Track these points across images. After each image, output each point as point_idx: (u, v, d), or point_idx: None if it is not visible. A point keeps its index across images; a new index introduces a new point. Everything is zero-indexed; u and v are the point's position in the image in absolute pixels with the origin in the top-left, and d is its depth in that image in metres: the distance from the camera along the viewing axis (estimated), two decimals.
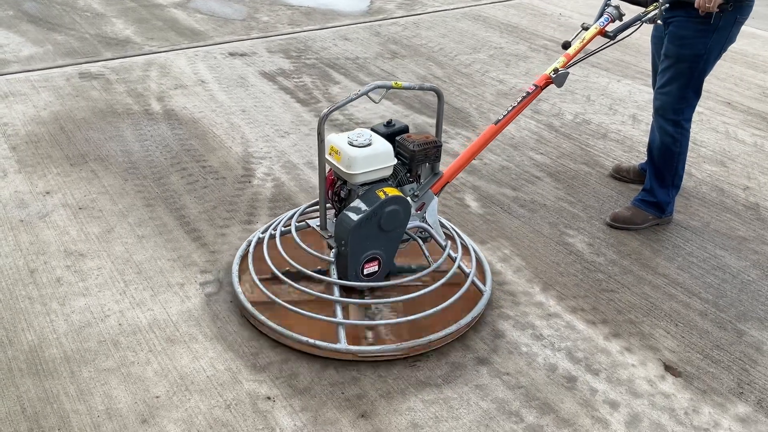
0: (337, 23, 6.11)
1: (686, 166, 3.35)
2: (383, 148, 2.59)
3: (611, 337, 2.66)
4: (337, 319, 2.50)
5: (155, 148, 3.83)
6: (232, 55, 5.25)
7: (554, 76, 2.88)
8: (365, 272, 2.61)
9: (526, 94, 2.88)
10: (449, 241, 2.83)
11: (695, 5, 2.87)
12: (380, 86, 2.51)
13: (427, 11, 6.63)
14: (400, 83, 2.54)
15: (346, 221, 2.52)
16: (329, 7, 6.57)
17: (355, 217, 2.50)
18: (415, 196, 2.73)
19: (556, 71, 2.89)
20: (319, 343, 2.44)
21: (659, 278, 3.01)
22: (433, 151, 2.69)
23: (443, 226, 3.02)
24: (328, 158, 2.60)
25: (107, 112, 4.22)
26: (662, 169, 3.27)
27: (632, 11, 3.02)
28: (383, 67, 5.17)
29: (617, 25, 3.03)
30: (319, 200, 2.68)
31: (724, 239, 3.31)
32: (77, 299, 2.69)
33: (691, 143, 3.31)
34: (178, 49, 5.30)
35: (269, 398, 2.30)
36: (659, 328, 2.72)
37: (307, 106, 4.45)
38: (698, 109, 3.22)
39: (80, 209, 3.24)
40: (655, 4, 2.96)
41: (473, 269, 2.77)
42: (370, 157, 2.53)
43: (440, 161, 2.77)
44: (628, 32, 3.01)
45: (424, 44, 5.73)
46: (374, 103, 2.61)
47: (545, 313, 2.76)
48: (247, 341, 2.52)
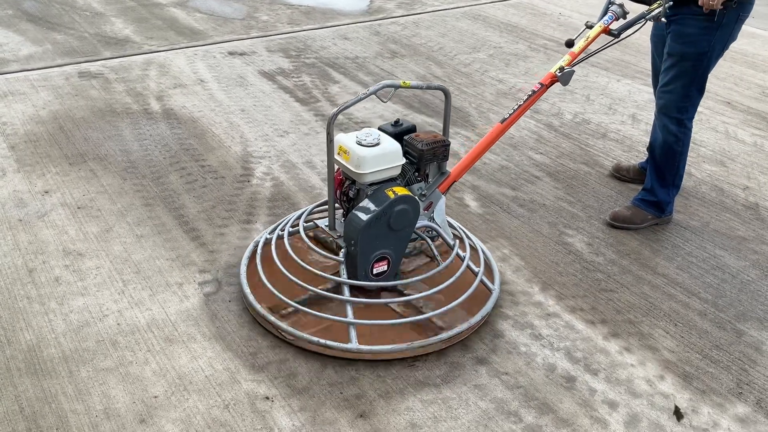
0: (336, 22, 6.11)
1: (686, 165, 3.35)
2: (392, 147, 2.58)
3: (610, 336, 2.66)
4: (348, 319, 2.48)
5: (154, 147, 3.83)
6: (231, 54, 5.25)
7: (560, 74, 2.88)
8: (374, 272, 2.60)
9: (531, 92, 2.88)
10: (457, 240, 2.82)
11: (699, 3, 2.86)
12: (389, 86, 2.49)
13: (426, 10, 6.63)
14: (408, 83, 2.52)
15: (355, 221, 2.51)
16: (329, 6, 6.56)
17: (364, 216, 2.49)
18: (422, 195, 2.71)
19: (561, 69, 2.88)
20: (330, 343, 2.43)
21: (658, 278, 3.00)
22: (441, 150, 2.68)
23: (451, 226, 3.00)
24: (336, 158, 2.59)
25: (106, 111, 4.21)
26: (663, 168, 3.27)
27: (635, 10, 3.01)
28: (383, 66, 5.16)
29: (621, 23, 3.03)
30: (328, 200, 2.67)
31: (723, 239, 3.30)
32: (76, 299, 2.69)
33: (690, 143, 3.31)
34: (177, 48, 5.30)
35: (268, 398, 2.29)
36: (658, 328, 2.72)
37: (306, 105, 4.45)
38: (698, 108, 3.21)
39: (79, 209, 3.24)
40: (659, 2, 2.96)
41: (482, 268, 2.76)
42: (379, 156, 2.53)
43: (448, 160, 2.76)
44: (632, 30, 3.00)
45: (423, 44, 5.72)
46: (383, 103, 2.59)
47: (544, 312, 2.76)
48: (245, 341, 2.52)
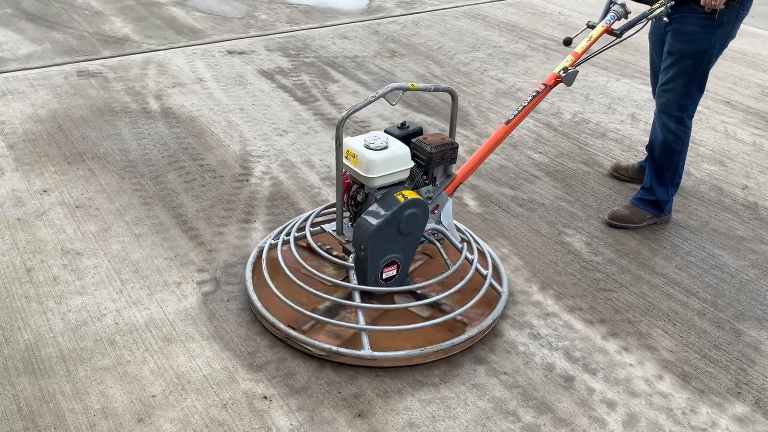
0: (335, 21, 6.11)
1: (685, 165, 3.35)
2: (400, 150, 2.55)
3: (609, 336, 2.66)
4: (359, 325, 2.45)
5: (153, 146, 3.83)
6: (230, 53, 5.24)
7: (564, 75, 2.87)
8: (384, 276, 2.58)
9: (535, 93, 2.86)
10: (465, 243, 2.78)
11: (701, 2, 2.86)
12: (397, 88, 2.46)
13: (426, 10, 6.62)
14: (416, 85, 2.49)
15: (365, 226, 2.47)
16: (328, 5, 6.56)
17: (374, 221, 2.46)
18: (428, 198, 2.69)
19: (566, 70, 2.87)
20: (342, 350, 2.40)
21: (657, 277, 3.00)
22: (449, 152, 2.65)
23: (458, 229, 2.97)
24: (344, 162, 2.56)
25: (105, 110, 4.21)
26: (663, 167, 3.27)
27: (636, 9, 3.01)
28: (382, 65, 5.16)
29: (623, 22, 3.02)
30: (336, 205, 2.63)
31: (722, 238, 3.30)
32: (74, 298, 2.68)
33: (690, 142, 3.31)
34: (176, 47, 5.29)
35: (266, 397, 2.29)
36: (657, 327, 2.72)
37: (305, 104, 4.44)
38: (698, 107, 3.21)
39: (77, 208, 3.24)
40: (660, 1, 2.95)
41: (490, 271, 2.73)
42: (388, 160, 2.49)
43: (456, 163, 2.73)
44: (634, 30, 3.00)
45: (423, 43, 5.72)
46: (391, 105, 2.58)
47: (543, 312, 2.76)
48: (243, 340, 2.52)
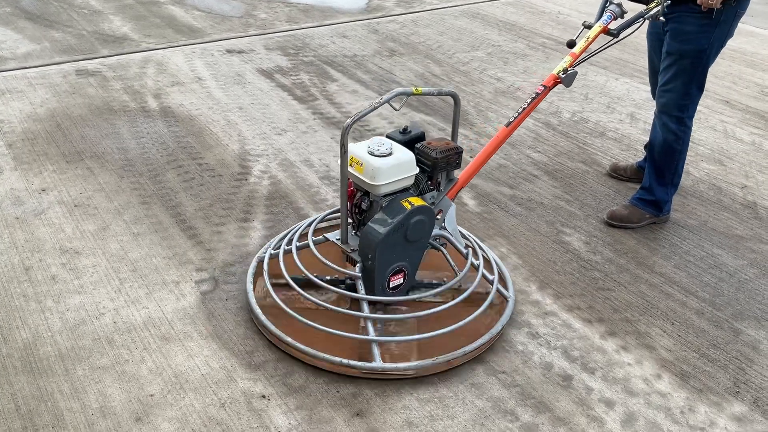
0: (335, 20, 6.10)
1: (684, 164, 3.35)
2: (405, 157, 2.50)
3: (607, 335, 2.66)
4: (369, 336, 2.40)
5: (151, 145, 3.82)
6: (229, 52, 5.24)
7: (563, 76, 2.86)
8: (391, 285, 2.53)
9: (535, 95, 2.85)
10: (470, 249, 2.74)
11: (698, 2, 2.86)
12: (401, 93, 2.43)
13: (425, 9, 6.62)
14: (420, 89, 2.47)
15: (372, 234, 2.42)
16: (327, 4, 6.55)
17: (382, 229, 2.41)
18: (432, 203, 2.64)
19: (565, 71, 2.86)
20: (353, 363, 2.34)
21: (656, 277, 3.00)
22: (454, 157, 2.61)
23: (463, 236, 2.93)
24: (348, 169, 2.50)
25: (104, 109, 4.21)
26: (662, 167, 3.27)
27: (633, 8, 3.01)
28: (381, 64, 5.16)
29: (620, 22, 3.02)
30: (340, 213, 2.56)
31: (721, 238, 3.30)
32: (72, 297, 2.68)
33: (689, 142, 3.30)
34: (175, 46, 5.29)
35: (264, 397, 2.29)
36: (655, 326, 2.72)
37: (304, 103, 4.44)
38: (697, 107, 3.21)
39: (76, 206, 3.23)
40: (656, 0, 2.95)
41: (496, 277, 2.70)
42: (393, 167, 2.45)
43: (460, 167, 2.69)
44: (631, 30, 2.99)
45: (422, 42, 5.72)
46: (395, 110, 2.55)
47: (541, 311, 2.76)
48: (242, 339, 2.52)
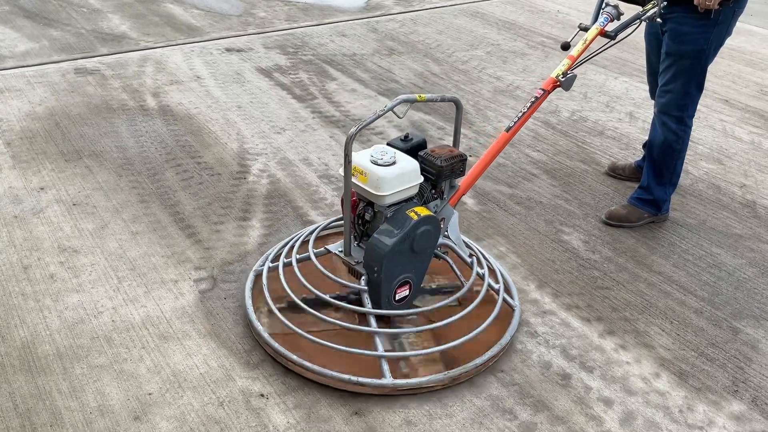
0: (334, 19, 6.10)
1: (683, 163, 3.35)
2: (410, 165, 2.45)
3: (606, 334, 2.66)
4: (378, 352, 2.35)
5: (150, 144, 3.82)
6: (228, 50, 5.23)
7: (563, 79, 2.85)
8: (397, 297, 2.49)
9: (534, 99, 2.84)
10: (474, 257, 2.71)
11: (695, 2, 2.86)
12: (405, 100, 2.41)
13: (424, 7, 6.62)
14: (423, 96, 2.45)
15: (379, 246, 2.37)
16: (326, 3, 6.55)
17: (388, 241, 2.36)
18: (435, 212, 2.60)
19: (564, 74, 2.85)
20: (362, 380, 2.28)
21: (654, 276, 3.00)
22: (459, 165, 2.57)
23: (467, 245, 2.89)
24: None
25: (102, 107, 4.20)
26: (661, 166, 3.26)
27: (629, 10, 3.00)
28: (380, 63, 5.15)
29: (617, 24, 3.01)
30: (343, 224, 2.51)
31: (720, 237, 3.30)
32: (70, 295, 2.68)
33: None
34: (174, 44, 5.29)
35: (262, 395, 2.29)
36: (654, 325, 2.72)
37: (303, 102, 4.44)
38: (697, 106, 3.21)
39: (74, 205, 3.23)
40: (652, 2, 2.94)
41: (501, 285, 2.67)
42: (398, 176, 2.40)
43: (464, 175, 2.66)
44: (628, 31, 2.99)
45: (421, 41, 5.71)
46: (399, 118, 2.53)
47: (540, 310, 2.76)
48: (240, 338, 2.52)
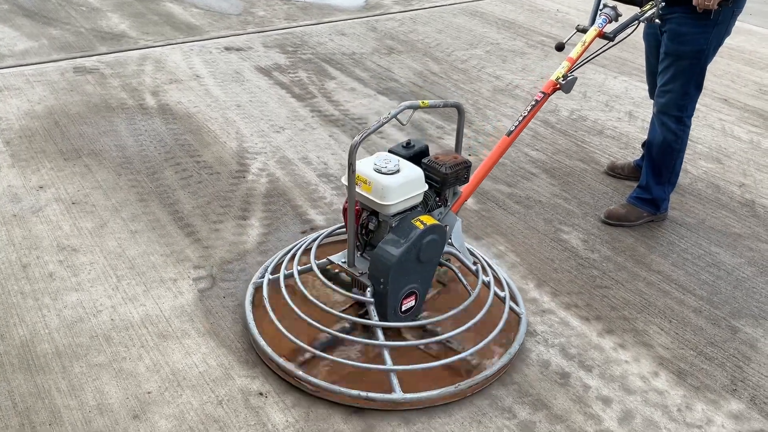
0: (333, 18, 6.10)
1: (683, 162, 3.35)
2: (414, 174, 2.41)
3: (605, 333, 2.66)
4: (387, 366, 2.29)
5: (149, 142, 3.82)
6: (227, 49, 5.23)
7: (563, 82, 2.84)
8: (403, 309, 2.44)
9: (534, 102, 2.83)
10: (478, 265, 2.68)
11: (693, 2, 2.86)
12: (408, 107, 2.38)
13: (423, 7, 6.62)
14: (426, 102, 2.43)
15: (385, 257, 2.32)
16: (325, 2, 6.55)
17: (395, 251, 2.31)
18: (438, 220, 2.56)
19: (565, 77, 2.85)
20: (372, 395, 2.23)
21: (653, 275, 3.00)
22: (463, 172, 2.54)
23: (471, 252, 2.85)
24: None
25: (101, 106, 4.20)
26: (660, 166, 3.27)
27: (628, 11, 3.00)
28: (379, 62, 5.15)
29: (615, 25, 3.01)
30: (347, 235, 2.46)
31: (719, 236, 3.30)
32: (69, 294, 2.68)
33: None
34: (173, 43, 5.28)
35: (261, 394, 2.29)
36: (653, 324, 2.72)
37: (302, 101, 4.44)
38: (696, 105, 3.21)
39: (73, 204, 3.23)
40: (651, 3, 2.94)
41: (507, 294, 2.64)
42: (403, 184, 2.36)
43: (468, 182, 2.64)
44: (626, 33, 2.99)
45: (420, 40, 5.71)
46: (402, 125, 2.52)
47: (539, 309, 2.76)
48: (239, 337, 2.52)
